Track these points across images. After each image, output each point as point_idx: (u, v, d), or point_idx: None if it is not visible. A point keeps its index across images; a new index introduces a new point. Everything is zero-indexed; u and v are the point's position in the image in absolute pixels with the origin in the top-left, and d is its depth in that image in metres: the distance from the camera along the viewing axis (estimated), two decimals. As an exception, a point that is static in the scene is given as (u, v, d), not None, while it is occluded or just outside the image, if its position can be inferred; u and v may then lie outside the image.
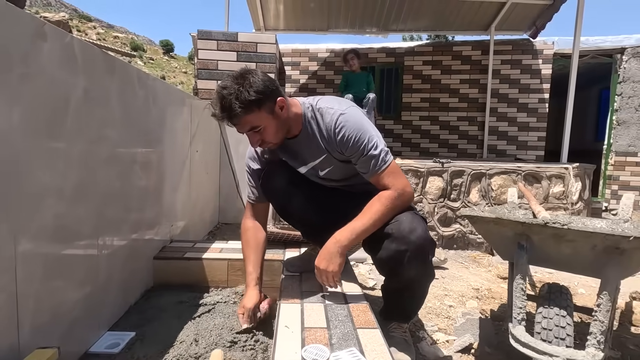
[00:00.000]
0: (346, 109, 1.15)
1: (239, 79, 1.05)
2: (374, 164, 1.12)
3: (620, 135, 5.44)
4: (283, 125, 1.15)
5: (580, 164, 3.44)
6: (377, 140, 1.13)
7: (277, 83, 1.13)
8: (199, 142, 2.31)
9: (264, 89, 1.06)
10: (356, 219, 1.11)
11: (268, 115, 1.09)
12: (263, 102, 1.06)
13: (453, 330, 1.73)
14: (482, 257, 3.01)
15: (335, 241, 1.10)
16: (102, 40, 26.70)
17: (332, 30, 5.80)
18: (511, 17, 5.33)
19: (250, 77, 1.06)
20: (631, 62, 5.33)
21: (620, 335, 1.77)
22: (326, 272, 1.10)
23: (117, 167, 1.24)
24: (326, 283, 1.13)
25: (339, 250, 1.09)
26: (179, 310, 1.36)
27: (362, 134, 1.11)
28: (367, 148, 1.11)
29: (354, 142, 1.11)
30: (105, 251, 1.18)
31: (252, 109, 1.05)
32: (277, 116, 1.11)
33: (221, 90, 1.05)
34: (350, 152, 1.14)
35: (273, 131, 1.12)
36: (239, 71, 1.09)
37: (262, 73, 1.10)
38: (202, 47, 2.94)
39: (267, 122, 1.10)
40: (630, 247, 1.09)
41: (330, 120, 1.14)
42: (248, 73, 1.07)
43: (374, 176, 1.14)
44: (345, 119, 1.12)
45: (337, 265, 1.09)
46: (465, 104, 5.71)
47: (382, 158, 1.12)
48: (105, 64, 1.15)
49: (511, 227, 1.33)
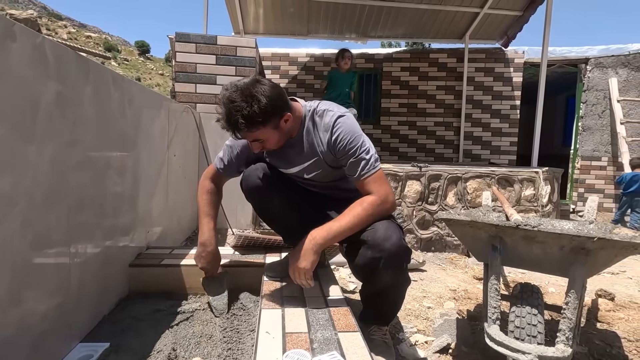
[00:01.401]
0: (345, 112, 1.20)
1: (248, 96, 1.03)
2: (362, 168, 1.14)
3: (586, 140, 5.74)
4: (286, 135, 1.18)
5: (549, 168, 3.60)
6: (369, 147, 1.17)
7: (285, 96, 1.13)
8: (176, 146, 2.26)
9: (272, 109, 1.06)
10: (335, 219, 1.12)
11: (272, 130, 1.11)
12: (269, 120, 1.07)
13: (431, 331, 1.77)
14: (459, 259, 3.09)
15: (311, 238, 1.11)
16: (74, 40, 25.76)
17: (312, 36, 5.84)
18: (484, 27, 5.55)
19: (258, 95, 1.04)
20: (594, 71, 5.65)
21: (587, 331, 1.86)
22: (298, 268, 1.11)
23: (90, 172, 1.20)
24: (298, 280, 1.13)
25: (314, 248, 1.10)
26: (155, 318, 1.33)
27: (356, 137, 1.15)
28: (359, 151, 1.14)
29: (348, 142, 1.14)
30: (78, 259, 1.14)
31: (257, 127, 1.07)
32: (281, 129, 1.13)
33: (229, 103, 1.04)
34: (342, 153, 1.16)
35: (275, 141, 1.16)
36: (248, 83, 1.07)
37: (270, 87, 1.08)
38: (180, 49, 2.89)
39: (270, 135, 1.12)
40: (595, 247, 1.15)
41: (329, 120, 1.17)
42: (257, 88, 1.05)
43: (360, 180, 1.15)
44: (343, 121, 1.17)
45: (310, 262, 1.10)
46: (442, 109, 5.87)
47: (371, 163, 1.15)
48: (78, 66, 1.12)
49: (485, 230, 1.38)
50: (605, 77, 5.59)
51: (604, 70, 5.61)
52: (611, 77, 5.55)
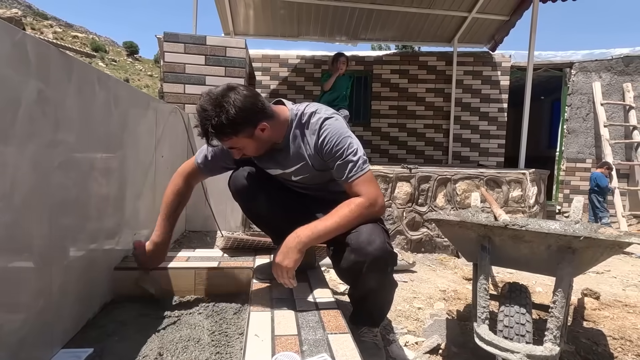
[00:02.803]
0: (332, 114, 1.19)
1: (217, 106, 1.02)
2: (350, 170, 1.13)
3: (571, 143, 5.87)
4: (265, 144, 1.16)
5: (536, 170, 3.67)
6: (357, 148, 1.15)
7: (260, 105, 1.09)
8: (164, 147, 2.23)
9: (242, 119, 1.03)
10: (321, 219, 1.11)
11: (247, 139, 1.09)
12: (240, 130, 1.06)
13: (422, 331, 1.77)
14: (449, 260, 3.12)
15: (295, 236, 1.09)
16: (60, 40, 25.30)
17: (302, 37, 5.85)
18: (472, 31, 5.64)
19: (228, 106, 1.02)
20: (578, 75, 5.78)
21: (574, 329, 1.88)
22: (280, 266, 1.08)
23: (73, 173, 1.17)
24: (280, 279, 1.11)
25: (297, 247, 1.08)
26: (141, 323, 1.29)
27: (343, 139, 1.13)
28: (346, 153, 1.13)
29: (335, 144, 1.13)
30: (60, 263, 1.10)
31: (228, 136, 1.06)
32: (257, 138, 1.11)
33: (201, 112, 1.04)
34: (329, 155, 1.14)
35: (253, 149, 1.14)
36: (220, 92, 1.05)
37: (244, 95, 1.05)
38: (168, 49, 2.86)
39: (246, 144, 1.11)
40: (581, 246, 1.17)
41: (316, 122, 1.16)
42: (227, 97, 1.03)
43: (348, 182, 1.14)
44: (330, 123, 1.15)
45: (293, 261, 1.07)
46: (431, 112, 5.93)
47: (359, 165, 1.13)
48: (61, 64, 1.09)
49: (474, 230, 1.39)
50: (589, 81, 5.73)
51: (587, 75, 5.74)
52: (595, 81, 5.69)
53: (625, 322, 2.01)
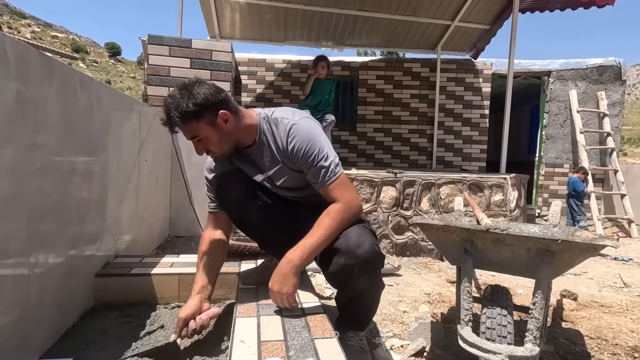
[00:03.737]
0: (299, 119, 1.17)
1: (183, 89, 1.09)
2: (323, 175, 1.13)
3: (549, 148, 6.06)
4: (228, 137, 1.15)
5: (516, 175, 3.77)
6: (328, 152, 1.15)
7: (224, 95, 1.13)
8: (148, 151, 2.19)
9: (204, 102, 1.07)
10: (307, 236, 1.11)
11: (208, 127, 1.10)
12: (201, 114, 1.08)
13: (407, 335, 1.79)
14: (433, 263, 3.16)
15: (288, 261, 1.09)
16: (38, 40, 24.55)
17: (288, 42, 5.86)
18: (455, 39, 5.77)
19: (194, 89, 1.08)
20: (556, 83, 5.99)
21: (553, 330, 1.94)
22: (280, 294, 1.09)
23: (53, 177, 1.14)
24: (281, 305, 1.11)
25: (292, 271, 1.08)
26: (122, 331, 1.27)
27: (312, 145, 1.13)
28: (317, 159, 1.13)
29: (304, 152, 1.13)
30: (38, 270, 1.07)
31: (190, 120, 1.08)
32: (220, 128, 1.11)
33: (167, 98, 1.09)
34: (301, 162, 1.15)
35: (216, 142, 1.13)
36: (186, 81, 1.12)
37: (209, 85, 1.12)
38: (152, 52, 2.82)
39: (208, 133, 1.11)
40: (559, 249, 1.21)
41: (284, 130, 1.16)
42: (193, 84, 1.10)
43: (323, 187, 1.15)
44: (297, 129, 1.14)
45: (292, 285, 1.08)
46: (416, 117, 6.03)
47: (331, 169, 1.14)
48: (42, 66, 1.07)
49: (458, 234, 1.42)
50: (566, 89, 5.95)
51: (564, 83, 5.96)
52: (571, 89, 5.90)
53: (601, 322, 2.08)
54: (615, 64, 5.92)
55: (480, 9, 5.11)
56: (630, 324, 2.08)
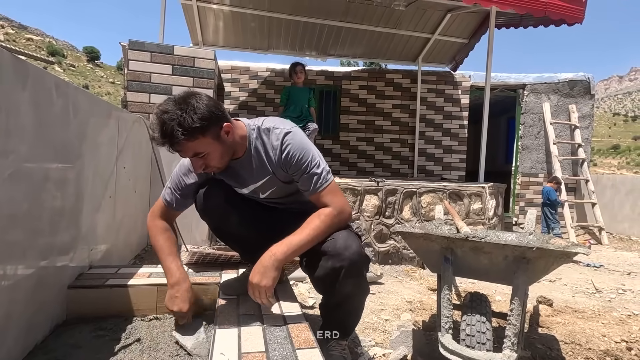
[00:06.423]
0: (291, 128, 1.19)
1: (182, 103, 1.02)
2: (315, 182, 1.15)
3: (525, 158, 6.27)
4: (229, 150, 1.14)
5: (494, 184, 3.88)
6: (320, 160, 1.17)
7: (222, 107, 1.11)
8: (127, 158, 2.14)
9: (209, 115, 1.03)
10: (294, 233, 1.11)
11: (213, 142, 1.07)
12: (208, 128, 1.04)
13: (389, 343, 1.79)
14: (415, 271, 3.19)
15: (271, 254, 1.08)
16: (12, 42, 23.70)
17: (272, 51, 5.89)
18: (435, 51, 5.95)
19: (194, 102, 1.02)
20: (530, 96, 6.24)
21: (530, 335, 1.98)
22: (259, 286, 1.06)
23: (24, 185, 1.10)
24: (258, 299, 1.08)
25: (274, 264, 1.07)
26: (96, 345, 1.21)
27: (305, 153, 1.15)
28: (310, 166, 1.14)
29: (298, 159, 1.14)
30: (5, 282, 1.02)
31: (196, 136, 1.02)
32: (223, 141, 1.10)
33: (162, 114, 1.00)
34: (294, 169, 1.15)
35: (218, 156, 1.11)
36: (182, 95, 1.05)
37: (207, 97, 1.07)
38: (133, 57, 2.78)
39: (212, 148, 1.08)
40: (534, 256, 1.25)
41: (276, 139, 1.16)
42: (192, 97, 1.04)
43: (315, 194, 1.16)
44: (291, 137, 1.15)
45: (271, 279, 1.06)
46: (398, 127, 6.14)
47: (323, 176, 1.15)
48: (14, 69, 1.03)
49: (438, 242, 1.44)
50: (540, 102, 6.20)
51: (538, 96, 6.22)
52: (544, 102, 6.16)
53: (575, 327, 2.15)
54: (585, 79, 6.23)
55: (458, 24, 5.29)
56: (602, 329, 2.15)
